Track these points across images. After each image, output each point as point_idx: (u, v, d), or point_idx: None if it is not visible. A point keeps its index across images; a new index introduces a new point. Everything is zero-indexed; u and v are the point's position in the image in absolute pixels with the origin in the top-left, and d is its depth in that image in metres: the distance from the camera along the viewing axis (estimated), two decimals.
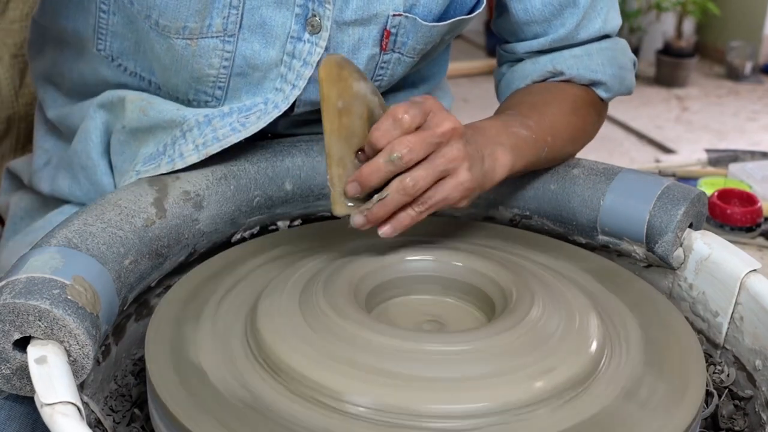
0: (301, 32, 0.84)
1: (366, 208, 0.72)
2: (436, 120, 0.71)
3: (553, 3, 0.91)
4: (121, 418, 0.72)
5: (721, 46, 4.63)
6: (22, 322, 0.61)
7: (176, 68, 0.86)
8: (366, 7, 0.85)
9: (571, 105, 0.91)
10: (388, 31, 0.87)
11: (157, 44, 0.85)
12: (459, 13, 0.91)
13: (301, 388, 0.61)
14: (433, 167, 0.70)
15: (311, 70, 0.85)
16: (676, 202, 0.80)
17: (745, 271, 0.75)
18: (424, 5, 0.87)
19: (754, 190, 1.48)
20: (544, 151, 0.84)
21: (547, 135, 0.84)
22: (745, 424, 0.73)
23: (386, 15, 0.86)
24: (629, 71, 0.98)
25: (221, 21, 0.82)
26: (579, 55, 0.93)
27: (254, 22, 0.83)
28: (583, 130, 0.93)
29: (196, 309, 0.73)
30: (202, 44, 0.84)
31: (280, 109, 0.87)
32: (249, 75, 0.87)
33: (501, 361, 0.63)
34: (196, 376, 0.64)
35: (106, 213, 0.74)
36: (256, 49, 0.85)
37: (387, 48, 0.88)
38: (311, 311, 0.68)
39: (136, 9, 0.82)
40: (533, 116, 0.85)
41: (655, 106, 4.10)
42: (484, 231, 0.88)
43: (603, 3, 0.93)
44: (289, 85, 0.86)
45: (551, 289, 0.73)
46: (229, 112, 0.87)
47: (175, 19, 0.82)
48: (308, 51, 0.85)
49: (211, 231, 0.83)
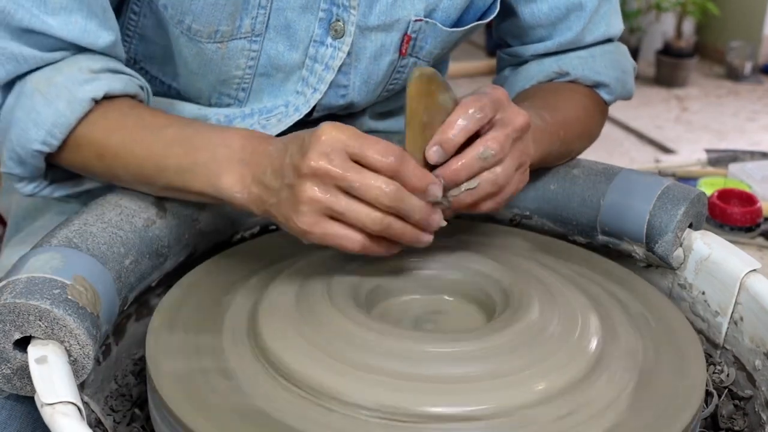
0: (324, 36, 0.85)
1: (453, 195, 0.70)
2: (510, 114, 0.70)
3: (559, 7, 0.91)
4: (122, 417, 0.72)
5: (721, 46, 4.63)
6: (22, 321, 0.61)
7: (203, 72, 0.87)
8: (389, 12, 0.85)
9: (580, 103, 0.92)
10: (409, 36, 0.88)
11: (185, 49, 0.86)
12: (474, 17, 0.92)
13: (302, 388, 0.61)
14: (516, 163, 0.71)
15: (333, 74, 0.86)
16: (676, 202, 0.80)
17: (745, 271, 0.75)
18: (443, 10, 0.88)
19: (754, 190, 1.48)
20: (557, 144, 0.85)
21: (560, 129, 0.85)
22: (744, 424, 0.73)
23: (408, 20, 0.87)
24: (630, 75, 0.99)
25: (250, 21, 0.83)
26: (584, 57, 0.94)
27: (280, 24, 0.84)
28: (590, 129, 0.94)
29: (196, 309, 0.73)
30: (231, 46, 0.85)
31: (301, 112, 0.88)
32: (272, 76, 0.88)
33: (501, 362, 0.63)
34: (197, 376, 0.64)
35: (106, 213, 0.74)
36: (281, 50, 0.86)
37: (406, 53, 0.89)
38: (312, 311, 0.68)
39: (170, 14, 0.83)
40: (547, 109, 0.86)
41: (655, 106, 4.10)
42: (484, 231, 0.88)
43: (607, 7, 0.94)
44: (311, 88, 0.87)
45: (551, 289, 0.73)
46: (250, 114, 0.89)
47: (208, 23, 0.82)
48: (330, 55, 0.86)
49: (211, 231, 0.83)
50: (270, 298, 0.71)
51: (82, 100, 0.75)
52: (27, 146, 0.76)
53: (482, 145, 0.69)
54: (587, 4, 0.91)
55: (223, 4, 0.82)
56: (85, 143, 0.76)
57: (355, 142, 0.65)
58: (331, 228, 0.65)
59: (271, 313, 0.68)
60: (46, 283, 0.62)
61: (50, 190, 0.83)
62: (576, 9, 0.91)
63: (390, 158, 0.65)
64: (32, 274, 0.63)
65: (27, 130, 0.75)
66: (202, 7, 0.81)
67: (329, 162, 0.64)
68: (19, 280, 0.62)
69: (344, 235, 0.66)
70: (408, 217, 0.66)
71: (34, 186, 0.82)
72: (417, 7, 0.86)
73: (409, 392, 0.60)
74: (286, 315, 0.68)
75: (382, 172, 0.64)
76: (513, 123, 0.70)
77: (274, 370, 0.63)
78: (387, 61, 0.89)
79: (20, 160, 0.77)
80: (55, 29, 0.74)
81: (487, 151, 0.68)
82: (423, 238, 0.69)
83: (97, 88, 0.75)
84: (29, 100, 0.75)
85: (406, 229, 0.67)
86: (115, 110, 0.77)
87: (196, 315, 0.72)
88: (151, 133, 0.75)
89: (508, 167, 0.70)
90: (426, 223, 0.68)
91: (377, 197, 0.64)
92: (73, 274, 0.64)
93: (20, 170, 0.79)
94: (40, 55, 0.75)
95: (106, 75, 0.77)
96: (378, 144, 0.65)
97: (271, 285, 0.73)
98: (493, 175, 0.70)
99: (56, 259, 0.65)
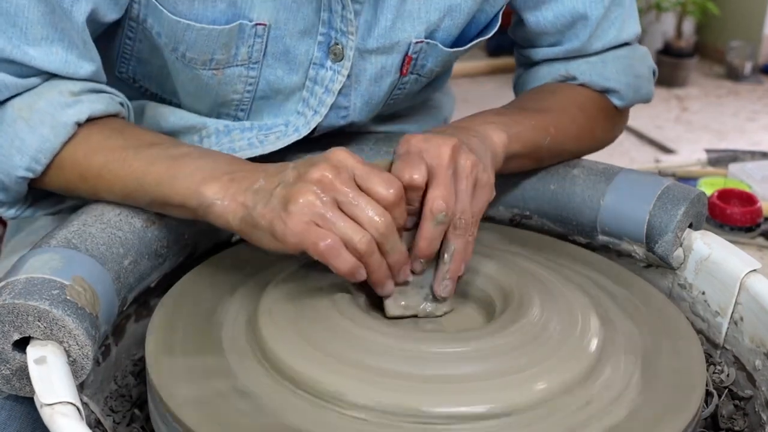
0: (324, 59, 0.85)
1: (445, 273, 0.70)
2: (431, 155, 0.68)
3: (564, 15, 0.90)
4: (121, 418, 0.72)
5: (721, 46, 4.63)
6: (21, 322, 0.60)
7: (201, 94, 0.87)
8: (388, 36, 0.85)
9: (579, 104, 0.91)
10: (410, 57, 0.87)
11: (182, 73, 0.85)
12: (475, 31, 0.91)
13: (302, 388, 0.61)
14: (467, 194, 0.69)
15: (333, 97, 0.86)
16: (676, 202, 0.80)
17: (745, 271, 0.75)
18: (444, 30, 0.87)
19: (754, 190, 1.47)
20: (546, 140, 0.84)
21: (550, 125, 0.84)
22: (745, 424, 0.73)
23: (408, 42, 0.86)
24: (646, 80, 0.97)
25: (246, 50, 0.83)
26: (594, 62, 0.93)
27: (278, 50, 0.84)
28: (591, 132, 0.92)
29: (196, 309, 0.72)
30: (228, 72, 0.84)
31: (301, 133, 0.88)
32: (272, 98, 0.88)
33: (501, 362, 0.63)
34: (197, 376, 0.64)
35: (105, 213, 0.74)
36: (280, 75, 0.85)
37: (407, 72, 0.89)
38: (313, 312, 0.68)
39: (164, 41, 0.82)
40: (535, 106, 0.86)
41: (655, 106, 4.09)
42: (484, 231, 0.88)
43: (618, 12, 0.92)
44: (311, 110, 0.87)
45: (551, 289, 0.73)
46: (250, 127, 0.89)
47: (203, 52, 0.82)
48: (330, 78, 0.85)
49: (210, 231, 0.83)
50: (271, 297, 0.70)
51: (66, 124, 0.75)
52: (11, 173, 0.76)
53: (430, 210, 0.67)
54: (592, 14, 0.90)
55: (217, 35, 0.81)
56: (67, 165, 0.76)
57: (363, 168, 0.66)
58: (315, 231, 0.64)
59: (271, 313, 0.68)
60: (45, 283, 0.62)
61: (31, 212, 0.83)
62: (581, 18, 0.90)
63: (391, 191, 0.65)
64: (31, 275, 0.63)
65: (11, 157, 0.75)
66: (195, 37, 0.81)
67: (336, 176, 0.65)
68: (18, 281, 0.62)
69: (323, 235, 0.64)
70: (387, 254, 0.67)
71: (15, 210, 0.82)
72: (417, 29, 0.86)
73: (409, 392, 0.60)
74: (287, 315, 0.68)
75: (381, 203, 0.65)
76: (439, 162, 0.68)
77: (275, 370, 0.63)
78: (388, 82, 0.89)
79: (3, 186, 0.78)
80: (36, 60, 0.74)
81: (439, 216, 0.68)
82: (388, 286, 0.69)
83: (80, 111, 0.75)
84: (11, 127, 0.75)
85: (382, 266, 0.67)
86: (98, 132, 0.77)
87: (196, 315, 0.71)
88: (135, 153, 0.74)
89: (466, 205, 0.69)
90: (398, 268, 0.68)
91: (370, 221, 0.64)
92: (72, 275, 0.64)
93: (3, 196, 0.79)
94: (21, 82, 0.75)
95: (87, 96, 0.77)
96: (383, 174, 0.66)
97: (271, 284, 0.73)
98: (460, 232, 0.69)
99: (55, 259, 0.65)
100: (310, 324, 0.66)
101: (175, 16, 0.80)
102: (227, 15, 0.80)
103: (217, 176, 0.70)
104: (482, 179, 0.71)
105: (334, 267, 0.64)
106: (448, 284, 0.71)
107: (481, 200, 0.71)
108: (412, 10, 0.85)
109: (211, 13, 0.80)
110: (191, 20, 0.80)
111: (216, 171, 0.71)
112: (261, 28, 0.81)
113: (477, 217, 0.71)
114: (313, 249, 0.64)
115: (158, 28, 0.81)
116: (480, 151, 0.73)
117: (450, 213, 0.68)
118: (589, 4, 0.89)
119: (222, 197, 0.69)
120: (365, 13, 0.83)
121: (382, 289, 0.69)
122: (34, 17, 0.73)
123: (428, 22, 0.85)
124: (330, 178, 0.64)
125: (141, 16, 0.82)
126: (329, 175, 0.64)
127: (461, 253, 0.70)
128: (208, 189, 0.70)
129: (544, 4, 0.90)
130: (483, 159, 0.73)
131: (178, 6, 0.79)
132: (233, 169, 0.71)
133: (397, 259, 0.68)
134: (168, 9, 0.79)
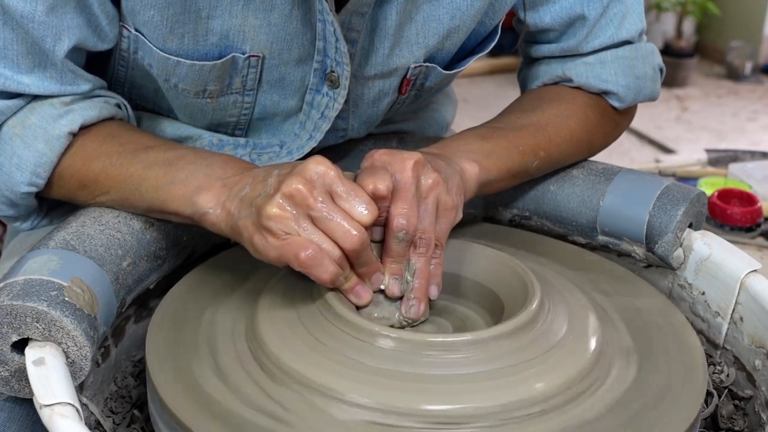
0: (320, 85, 0.84)
1: (409, 293, 0.70)
2: (394, 168, 0.68)
3: (562, 16, 0.89)
4: (121, 419, 0.72)
5: (721, 46, 4.63)
6: (19, 323, 0.60)
7: (196, 116, 0.87)
8: (386, 63, 0.84)
9: (577, 116, 0.90)
10: (408, 80, 0.87)
11: (176, 100, 0.86)
12: (473, 44, 0.91)
13: (302, 389, 0.61)
14: (429, 213, 0.69)
15: (329, 123, 0.85)
16: (676, 202, 0.80)
17: (745, 272, 0.75)
18: (445, 50, 0.87)
19: (754, 190, 1.47)
20: (533, 164, 0.83)
21: (540, 149, 0.84)
22: (744, 424, 0.73)
23: (407, 67, 0.85)
24: (650, 80, 0.94)
25: (240, 80, 0.82)
26: (591, 63, 0.91)
27: (273, 78, 0.83)
28: (588, 144, 0.91)
29: (196, 311, 0.72)
30: (222, 100, 0.84)
31: (293, 156, 0.87)
32: (269, 119, 0.88)
33: (501, 362, 0.63)
34: (197, 377, 0.64)
35: (104, 215, 0.74)
36: (276, 99, 0.85)
37: (406, 92, 0.89)
38: (311, 313, 0.68)
39: (156, 72, 0.82)
40: (526, 122, 0.85)
41: (655, 106, 4.09)
42: (484, 231, 0.88)
43: (617, 9, 0.90)
44: (307, 134, 0.87)
45: (551, 289, 0.72)
46: (244, 144, 0.89)
47: (195, 84, 0.82)
48: (326, 105, 0.84)
49: (208, 233, 0.82)
50: (270, 299, 0.70)
51: (59, 136, 0.75)
52: (15, 189, 0.76)
53: (391, 229, 0.67)
54: (590, 14, 0.89)
55: (209, 69, 0.80)
56: (67, 175, 0.77)
57: (342, 184, 0.65)
58: (295, 242, 0.63)
59: (270, 315, 0.68)
60: (43, 285, 0.62)
61: (47, 221, 0.84)
62: (578, 19, 0.89)
63: (369, 210, 0.65)
64: (29, 276, 0.63)
65: (12, 175, 0.76)
66: (186, 72, 0.80)
67: (310, 190, 0.64)
68: (16, 282, 0.62)
69: (305, 245, 0.63)
70: (359, 267, 0.67)
71: (31, 222, 0.83)
72: (416, 55, 0.85)
73: (409, 393, 0.60)
74: (286, 316, 0.68)
75: (356, 219, 0.64)
76: (404, 173, 0.68)
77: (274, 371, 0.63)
78: (386, 102, 0.89)
79: (11, 203, 0.79)
80: (32, 88, 0.75)
81: (399, 234, 0.67)
82: (364, 295, 0.69)
83: (72, 121, 0.76)
84: (8, 145, 0.75)
85: (352, 278, 0.68)
86: (92, 139, 0.77)
87: (196, 316, 0.71)
88: (132, 157, 0.75)
89: (428, 225, 0.69)
90: (369, 276, 0.68)
91: (344, 236, 0.64)
92: (70, 276, 0.64)
93: (14, 212, 0.80)
94: (16, 104, 0.76)
95: (79, 105, 0.77)
96: (361, 192, 0.65)
97: (270, 286, 0.73)
98: (422, 251, 0.69)
99: (53, 261, 0.65)
100: (309, 324, 0.66)
101: (164, 53, 0.79)
102: (219, 48, 0.79)
103: (211, 183, 0.71)
104: (446, 202, 0.70)
105: (316, 276, 0.64)
106: (414, 304, 0.70)
107: (445, 222, 0.70)
108: (410, 36, 0.83)
109: (202, 48, 0.79)
110: (181, 57, 0.79)
111: (210, 177, 0.71)
112: (255, 60, 0.81)
113: (441, 239, 0.70)
114: (295, 260, 0.64)
115: (149, 60, 0.81)
116: (447, 173, 0.72)
117: (411, 230, 0.68)
118: (587, 4, 0.89)
119: (214, 206, 0.70)
120: (362, 40, 0.82)
121: (358, 300, 0.69)
122: (22, 49, 0.73)
123: (427, 47, 0.84)
124: (303, 192, 0.64)
125: (131, 49, 0.81)
126: (303, 188, 0.64)
127: (424, 272, 0.69)
128: (201, 198, 0.70)
129: (543, 5, 0.90)
130: (448, 180, 0.72)
131: (167, 43, 0.78)
132: (226, 174, 0.71)
133: (367, 271, 0.68)
134: (157, 46, 0.79)
